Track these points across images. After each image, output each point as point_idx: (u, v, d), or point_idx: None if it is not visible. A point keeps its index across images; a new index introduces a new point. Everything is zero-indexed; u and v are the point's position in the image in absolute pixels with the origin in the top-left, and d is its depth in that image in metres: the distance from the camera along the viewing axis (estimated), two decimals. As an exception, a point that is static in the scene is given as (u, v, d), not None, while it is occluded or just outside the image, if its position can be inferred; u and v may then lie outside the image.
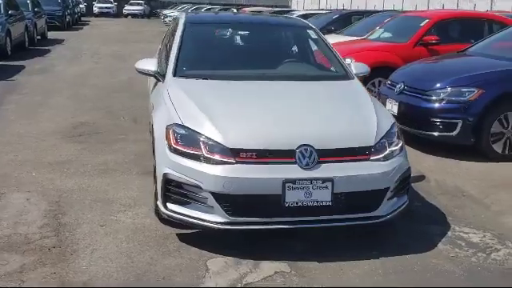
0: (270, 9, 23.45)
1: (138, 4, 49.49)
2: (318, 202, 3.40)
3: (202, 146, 3.48)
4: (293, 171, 3.38)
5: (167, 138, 3.63)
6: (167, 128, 3.67)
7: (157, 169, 3.71)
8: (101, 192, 4.66)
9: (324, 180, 3.39)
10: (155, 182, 4.14)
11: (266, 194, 3.38)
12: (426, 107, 5.96)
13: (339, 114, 3.89)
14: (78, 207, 4.29)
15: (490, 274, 3.41)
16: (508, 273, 3.44)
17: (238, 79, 4.33)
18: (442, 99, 5.86)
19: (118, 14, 48.12)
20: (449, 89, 5.86)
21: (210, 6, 34.76)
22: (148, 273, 3.29)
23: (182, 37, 4.68)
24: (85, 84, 10.80)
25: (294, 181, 3.36)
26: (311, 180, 3.37)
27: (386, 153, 3.64)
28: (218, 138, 3.46)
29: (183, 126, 3.61)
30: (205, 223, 3.47)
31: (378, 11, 14.69)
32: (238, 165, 3.39)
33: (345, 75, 4.59)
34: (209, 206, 3.44)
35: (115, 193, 4.65)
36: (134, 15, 47.65)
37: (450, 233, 4.02)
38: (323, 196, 3.40)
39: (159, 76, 4.52)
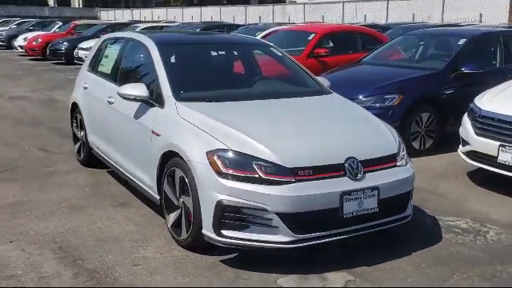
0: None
1: None
2: (367, 209, 3.66)
3: (257, 169, 3.49)
4: (346, 184, 3.59)
5: (212, 164, 3.56)
6: (209, 154, 3.59)
7: (202, 196, 3.58)
8: (95, 231, 4.29)
9: (372, 189, 3.66)
10: (170, 212, 4.02)
11: (326, 208, 3.53)
12: (355, 114, 6.54)
13: (361, 126, 4.19)
14: (88, 250, 3.92)
15: (503, 252, 4.01)
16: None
17: (241, 99, 4.36)
18: (370, 106, 6.50)
19: None
20: (374, 96, 6.54)
21: (22, 20, 32.09)
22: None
23: (163, 60, 4.52)
24: None
25: (349, 192, 3.57)
26: (363, 190, 3.62)
27: (404, 158, 4.05)
28: (274, 159, 3.51)
29: (231, 151, 3.57)
30: (270, 245, 3.49)
31: (240, 25, 15.19)
32: (299, 183, 3.49)
33: (322, 90, 4.90)
34: (273, 227, 3.47)
35: (110, 230, 4.32)
36: None
37: (441, 223, 4.57)
38: (371, 203, 3.67)
39: (152, 101, 4.33)
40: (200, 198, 3.62)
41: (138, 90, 4.35)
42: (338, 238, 3.62)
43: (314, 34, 9.14)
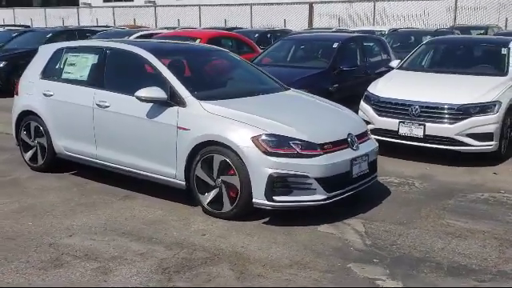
0: None
1: None
2: (363, 170, 5.00)
3: (294, 146, 4.56)
4: (351, 153, 4.87)
5: (258, 146, 4.52)
6: (254, 138, 4.54)
7: (252, 172, 4.51)
8: (132, 219, 4.84)
9: (365, 155, 5.01)
10: (206, 192, 4.83)
11: (343, 171, 4.76)
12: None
13: (341, 111, 5.49)
14: (148, 231, 4.52)
15: (434, 193, 5.67)
16: (440, 191, 5.76)
17: (242, 96, 5.29)
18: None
19: None
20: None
21: None
22: (311, 240, 4.26)
23: (167, 66, 5.22)
24: None
25: (355, 159, 4.87)
26: (361, 156, 4.95)
27: (369, 133, 5.48)
28: (306, 138, 4.63)
29: (271, 134, 4.57)
30: (311, 203, 4.61)
31: (97, 30, 14.97)
32: (326, 155, 4.65)
33: (283, 86, 6.05)
34: (312, 189, 4.58)
35: (144, 216, 4.91)
36: None
37: (381, 181, 6.10)
38: (365, 166, 5.03)
39: (171, 102, 4.99)
40: (250, 173, 4.54)
41: (157, 92, 4.97)
42: (351, 192, 4.89)
43: (199, 39, 10.11)
